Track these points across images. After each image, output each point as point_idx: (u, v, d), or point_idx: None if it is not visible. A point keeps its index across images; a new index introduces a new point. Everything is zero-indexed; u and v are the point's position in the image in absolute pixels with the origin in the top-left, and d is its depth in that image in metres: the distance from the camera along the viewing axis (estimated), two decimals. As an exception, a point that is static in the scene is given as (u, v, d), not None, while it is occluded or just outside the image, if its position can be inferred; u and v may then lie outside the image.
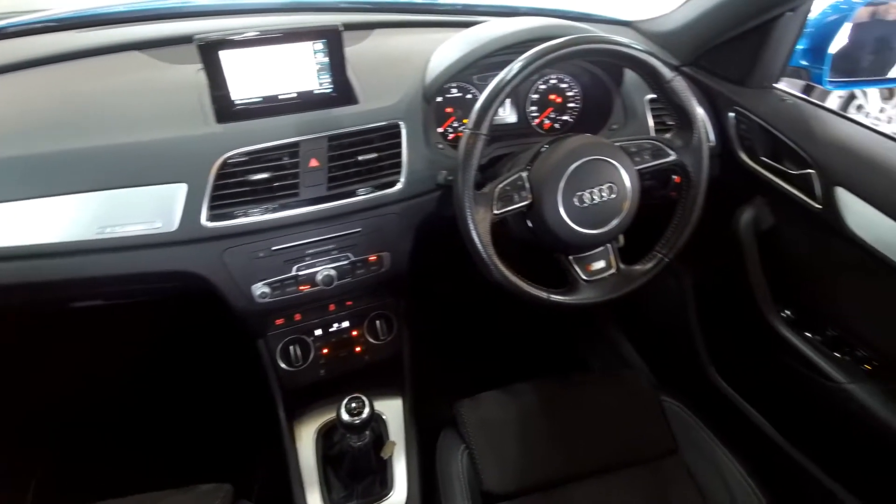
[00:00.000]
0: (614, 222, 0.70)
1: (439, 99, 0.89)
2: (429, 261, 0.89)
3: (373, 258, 0.81)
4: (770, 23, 0.83)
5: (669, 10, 1.00)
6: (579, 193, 0.68)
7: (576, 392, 0.86)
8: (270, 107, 0.73)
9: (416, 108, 0.79)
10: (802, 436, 0.87)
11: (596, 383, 0.88)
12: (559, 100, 0.97)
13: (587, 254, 0.73)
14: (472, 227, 0.65)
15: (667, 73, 0.70)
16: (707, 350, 1.03)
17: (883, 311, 0.75)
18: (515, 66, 0.65)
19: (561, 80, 0.96)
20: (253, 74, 0.71)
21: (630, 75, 0.89)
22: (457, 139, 0.90)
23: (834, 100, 2.46)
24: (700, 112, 0.74)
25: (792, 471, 0.86)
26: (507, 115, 0.96)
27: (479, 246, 0.66)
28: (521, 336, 1.34)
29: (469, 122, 0.66)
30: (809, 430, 0.86)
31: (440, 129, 0.91)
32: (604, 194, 0.69)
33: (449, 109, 0.91)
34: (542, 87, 0.96)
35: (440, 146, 0.81)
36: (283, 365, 0.87)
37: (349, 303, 0.89)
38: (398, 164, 0.77)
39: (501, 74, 0.65)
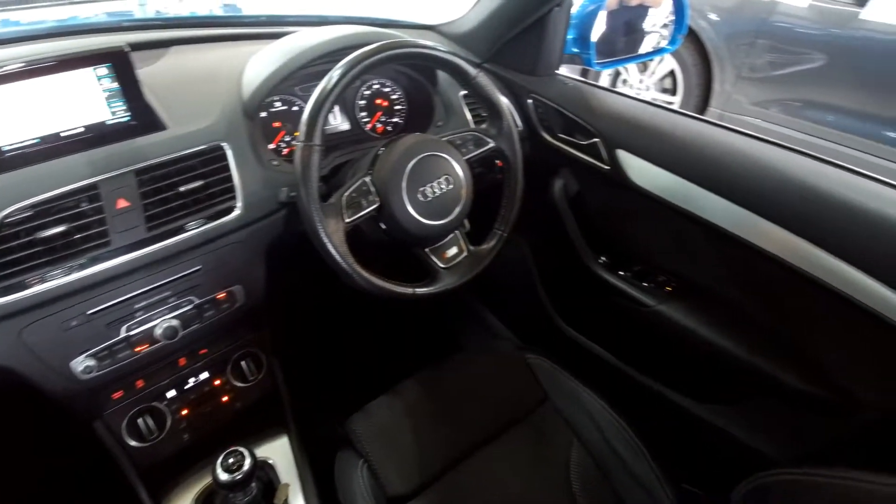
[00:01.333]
0: (457, 210, 0.74)
1: (263, 114, 0.84)
2: (288, 282, 0.84)
3: (222, 295, 0.74)
4: (543, 18, 0.95)
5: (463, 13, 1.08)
6: (421, 189, 0.70)
7: (454, 374, 0.90)
8: (52, 147, 0.61)
9: (238, 126, 0.73)
10: (637, 357, 1.03)
11: (470, 360, 0.93)
12: (385, 103, 0.98)
13: (440, 243, 0.76)
14: (326, 239, 0.63)
15: (471, 70, 0.75)
16: (552, 304, 1.15)
17: (668, 241, 0.92)
18: (335, 74, 0.64)
19: (383, 85, 0.97)
20: (24, 113, 0.59)
21: (443, 75, 0.94)
22: (292, 154, 0.86)
23: (605, 78, 2.90)
24: (505, 102, 0.81)
25: (636, 388, 1.02)
26: (340, 122, 0.94)
27: (338, 257, 0.64)
28: (397, 335, 1.35)
29: (300, 134, 0.64)
30: (640, 350, 1.02)
31: (272, 146, 0.85)
32: (443, 186, 0.72)
33: (276, 124, 0.86)
34: (367, 92, 0.96)
35: (275, 163, 0.77)
36: (132, 442, 0.75)
37: (203, 351, 0.80)
38: (231, 189, 0.70)
39: (322, 84, 0.64)
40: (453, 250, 0.77)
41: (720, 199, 0.78)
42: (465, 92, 0.94)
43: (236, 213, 0.70)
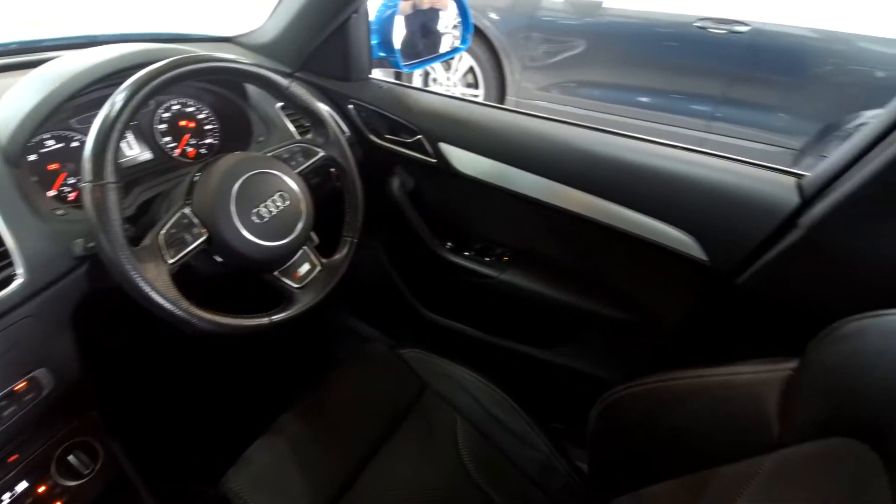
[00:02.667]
0: (300, 225, 0.69)
1: (33, 157, 0.68)
2: (110, 347, 0.70)
3: (21, 385, 0.59)
4: (344, 25, 0.94)
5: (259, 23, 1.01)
6: (255, 210, 0.64)
7: (333, 391, 0.85)
8: None
9: None
10: (494, 324, 1.10)
11: (346, 372, 0.90)
12: (192, 124, 0.87)
13: (289, 263, 0.71)
14: (148, 288, 0.54)
15: (282, 81, 0.71)
16: (414, 296, 1.17)
17: (496, 218, 1.00)
18: (118, 98, 0.55)
19: (185, 105, 0.86)
20: None
21: (254, 88, 0.87)
22: (80, 198, 0.72)
23: (417, 78, 3.01)
24: (326, 109, 0.79)
25: (500, 352, 1.09)
26: (138, 152, 0.81)
27: (168, 304, 0.55)
28: (264, 369, 1.23)
29: (85, 173, 0.53)
30: (495, 318, 1.09)
31: (52, 193, 0.70)
32: (279, 204, 0.67)
33: (53, 166, 0.71)
34: (166, 115, 0.84)
35: (60, 212, 0.63)
36: None
37: (13, 457, 0.64)
38: (5, 255, 0.56)
39: (104, 111, 0.54)
40: (305, 267, 0.72)
41: (530, 175, 0.88)
42: (283, 104, 0.89)
43: (18, 282, 0.56)
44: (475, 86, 2.92)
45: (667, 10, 2.38)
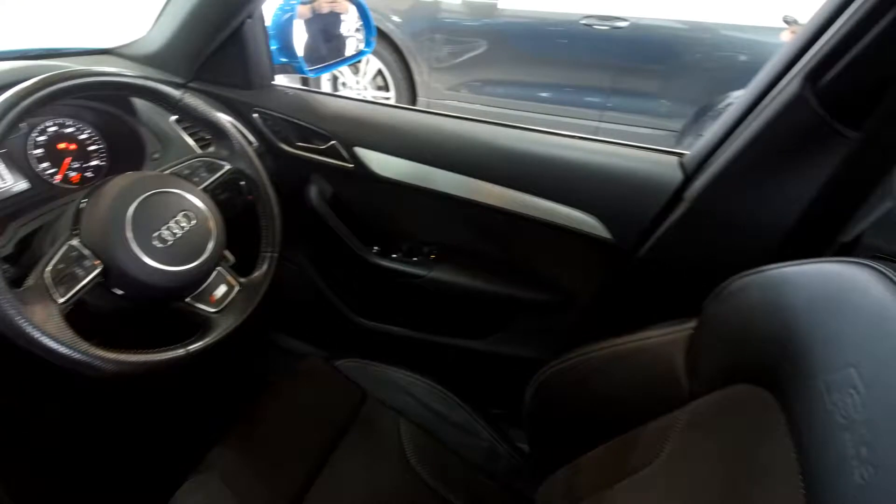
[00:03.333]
0: (211, 245, 0.64)
1: None
2: (11, 402, 0.61)
3: None
4: (238, 31, 0.88)
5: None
6: (156, 234, 0.58)
7: (268, 415, 0.80)
8: None
9: None
10: (428, 322, 1.09)
11: (280, 393, 0.85)
12: (73, 146, 0.77)
13: (203, 286, 0.65)
14: (37, 333, 0.47)
15: (173, 93, 0.65)
16: (346, 305, 1.13)
17: (420, 217, 1.00)
18: None
19: (62, 126, 0.77)
20: None
21: (142, 102, 0.80)
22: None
23: (326, 84, 2.93)
24: (227, 119, 0.74)
25: (437, 349, 1.09)
26: (12, 183, 0.70)
27: (64, 349, 0.49)
28: (190, 404, 1.13)
29: None
30: (428, 316, 1.09)
31: None
32: (184, 225, 0.61)
33: None
34: (42, 138, 0.74)
35: None
36: None
37: None
38: None
39: None
40: (222, 289, 0.67)
41: (447, 173, 0.89)
42: (177, 117, 0.82)
43: None
44: (386, 88, 2.90)
45: (555, 10, 2.52)
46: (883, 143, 0.57)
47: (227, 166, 0.71)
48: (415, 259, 1.02)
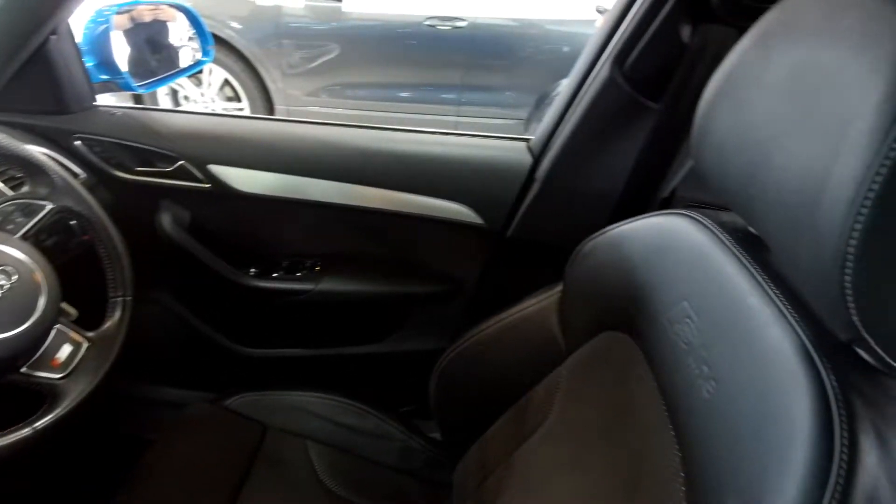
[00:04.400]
0: (42, 301, 0.53)
1: None
2: None
3: None
4: (42, 50, 0.74)
5: None
6: None
7: (152, 479, 0.69)
8: None
9: None
10: (321, 337, 1.04)
11: (168, 450, 0.74)
12: None
13: (40, 352, 0.54)
14: None
15: None
16: (226, 337, 1.03)
17: (297, 230, 0.95)
18: None
19: None
20: None
21: None
22: None
23: (165, 99, 2.60)
24: (39, 151, 0.62)
25: (337, 362, 1.04)
26: None
27: None
28: (46, 490, 0.94)
29: None
30: (321, 330, 1.04)
31: None
32: (2, 283, 0.50)
33: None
34: None
35: None
36: None
37: None
38: None
39: None
40: (66, 350, 0.56)
41: (317, 181, 0.86)
42: None
43: None
44: (237, 99, 2.67)
45: (398, 12, 2.55)
46: (680, 111, 0.68)
47: (49, 206, 0.60)
48: (298, 274, 0.97)
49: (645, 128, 0.73)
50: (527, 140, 0.90)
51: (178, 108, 0.84)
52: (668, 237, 0.48)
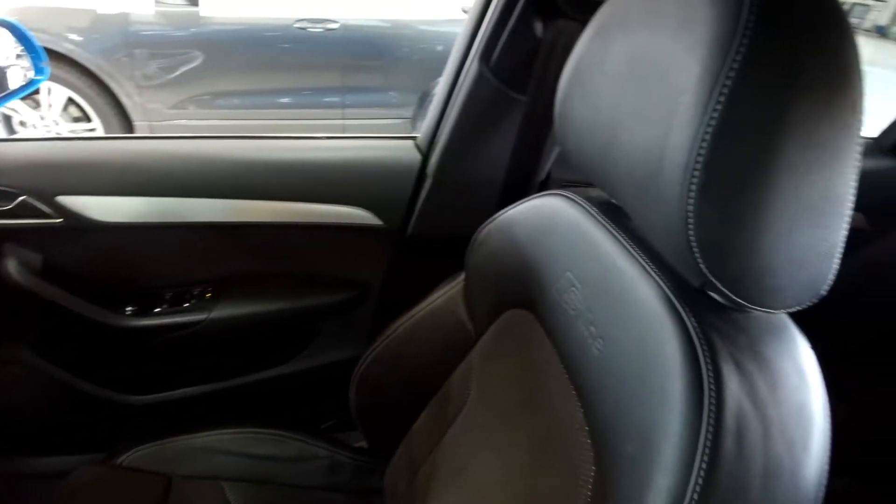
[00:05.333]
0: None
1: None
2: None
3: None
4: None
5: None
6: None
7: None
8: None
9: None
10: (225, 368, 0.95)
11: None
12: None
13: None
14: None
15: None
16: (109, 387, 0.90)
17: (178, 257, 0.86)
18: None
19: None
20: None
21: None
22: None
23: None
24: None
25: (244, 391, 0.95)
26: None
27: None
28: None
29: None
30: (223, 360, 0.95)
31: None
32: None
33: None
34: None
35: None
36: None
37: None
38: None
39: None
40: None
41: (197, 200, 0.78)
42: None
43: None
44: (85, 119, 2.32)
45: (265, 15, 2.40)
46: (543, 101, 0.73)
47: None
48: (186, 305, 0.87)
49: (516, 118, 0.78)
50: (414, 138, 0.90)
51: (15, 136, 0.69)
52: (547, 216, 0.52)
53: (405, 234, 0.88)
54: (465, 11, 2.54)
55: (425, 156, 0.86)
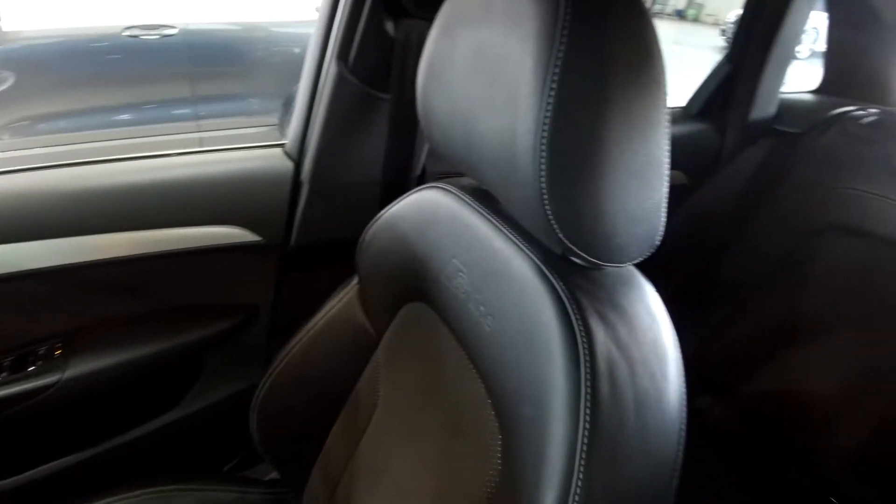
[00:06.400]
0: None
1: None
2: None
3: None
4: None
5: None
6: None
7: None
8: None
9: None
10: (98, 426, 0.81)
11: None
12: None
13: None
14: None
15: None
16: None
17: (9, 311, 0.71)
18: None
19: None
20: None
21: None
22: None
23: None
24: None
25: (123, 451, 0.82)
26: None
27: None
28: None
29: None
30: (95, 418, 0.81)
31: None
32: None
33: None
34: None
35: None
36: None
37: None
38: None
39: None
40: None
41: (31, 244, 0.66)
42: None
43: None
44: None
45: (84, 25, 2.07)
46: (406, 98, 0.72)
47: None
48: (31, 369, 0.72)
49: (383, 117, 0.77)
50: (282, 145, 0.85)
51: None
52: (428, 209, 0.53)
53: (288, 247, 0.83)
54: (318, 11, 2.45)
55: (297, 163, 0.81)
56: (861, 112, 1.04)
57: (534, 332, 0.38)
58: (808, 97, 1.22)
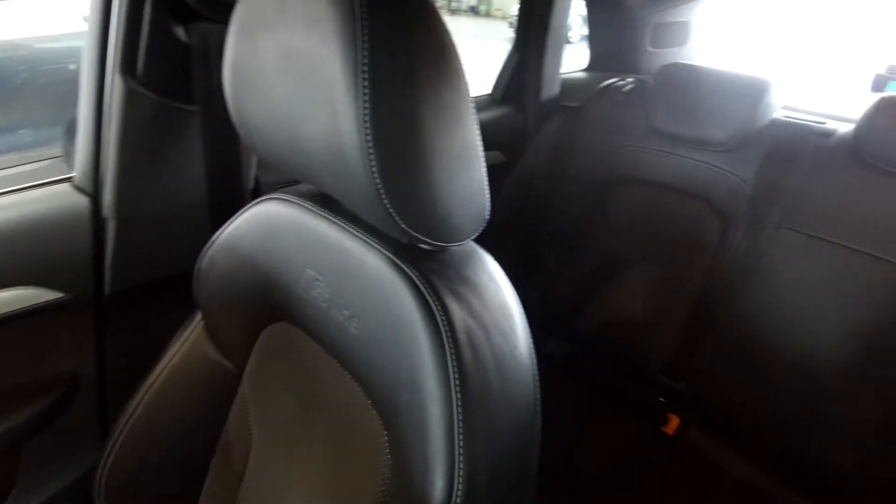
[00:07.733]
0: None
1: None
2: None
3: None
4: None
5: None
6: None
7: None
8: None
9: None
10: None
11: None
12: None
13: None
14: None
15: None
16: None
17: None
18: None
19: None
20: None
21: None
22: None
23: None
24: None
25: None
26: None
27: None
28: None
29: None
30: None
31: None
32: None
33: None
34: None
35: None
36: None
37: None
38: None
39: None
40: None
41: None
42: None
43: None
44: None
45: None
46: (216, 107, 0.63)
47: None
48: None
49: (195, 132, 0.68)
50: (70, 178, 0.69)
51: None
52: (268, 222, 0.49)
53: (102, 299, 0.69)
54: (86, 20, 2.04)
55: (94, 196, 0.67)
56: (622, 82, 1.27)
57: (397, 321, 0.38)
58: (582, 75, 1.45)
